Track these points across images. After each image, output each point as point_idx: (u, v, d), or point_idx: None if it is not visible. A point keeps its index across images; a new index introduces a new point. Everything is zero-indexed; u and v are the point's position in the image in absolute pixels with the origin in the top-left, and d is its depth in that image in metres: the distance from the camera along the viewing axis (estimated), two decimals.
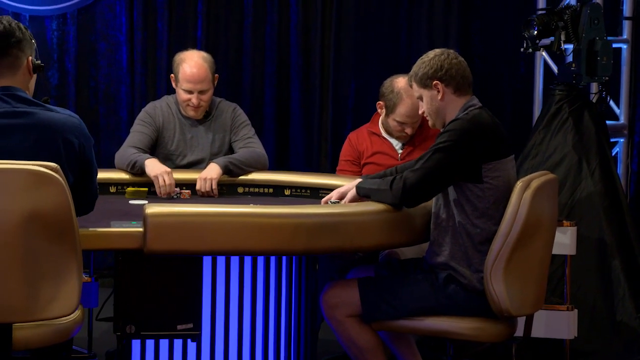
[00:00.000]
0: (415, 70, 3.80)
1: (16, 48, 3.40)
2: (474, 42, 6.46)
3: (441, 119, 3.79)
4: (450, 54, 3.80)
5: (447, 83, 3.75)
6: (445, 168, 3.62)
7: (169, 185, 4.42)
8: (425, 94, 3.78)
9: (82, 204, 3.49)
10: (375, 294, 3.75)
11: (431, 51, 3.83)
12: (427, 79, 3.75)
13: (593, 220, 4.81)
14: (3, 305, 3.14)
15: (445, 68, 3.74)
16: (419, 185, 3.61)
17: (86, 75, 6.31)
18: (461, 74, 3.77)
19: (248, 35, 6.33)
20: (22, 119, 3.32)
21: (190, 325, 3.67)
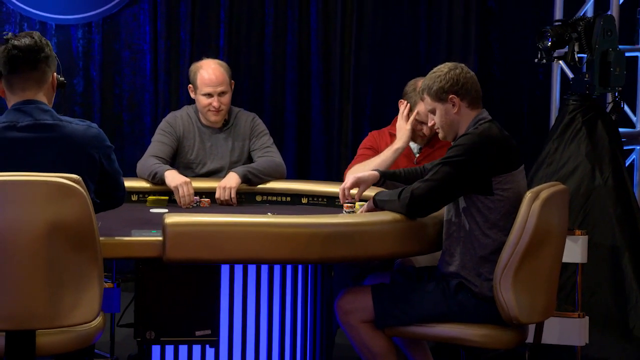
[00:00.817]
0: (428, 84, 3.88)
1: (44, 63, 3.52)
2: (492, 50, 6.49)
3: (454, 131, 3.87)
4: (464, 68, 3.88)
5: (462, 97, 3.83)
6: (453, 181, 3.71)
7: (189, 195, 4.53)
8: (440, 108, 3.86)
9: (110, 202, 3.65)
10: (387, 301, 3.84)
11: (443, 65, 3.91)
12: (444, 92, 3.83)
13: (606, 228, 4.86)
14: (27, 312, 3.26)
15: (461, 82, 3.83)
16: (426, 197, 3.71)
17: (111, 83, 6.39)
18: (475, 88, 3.87)
19: (269, 44, 6.39)
20: (45, 132, 3.45)
21: (209, 332, 3.77)
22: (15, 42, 3.48)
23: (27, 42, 3.48)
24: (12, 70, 3.48)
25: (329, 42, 6.41)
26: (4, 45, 3.49)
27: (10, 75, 3.49)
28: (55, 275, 3.27)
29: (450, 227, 3.83)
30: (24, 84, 3.49)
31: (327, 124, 6.44)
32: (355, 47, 6.40)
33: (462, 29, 6.41)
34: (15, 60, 3.47)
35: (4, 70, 3.49)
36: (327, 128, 6.44)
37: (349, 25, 6.39)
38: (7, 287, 3.23)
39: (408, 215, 3.74)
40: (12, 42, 3.48)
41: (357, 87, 6.43)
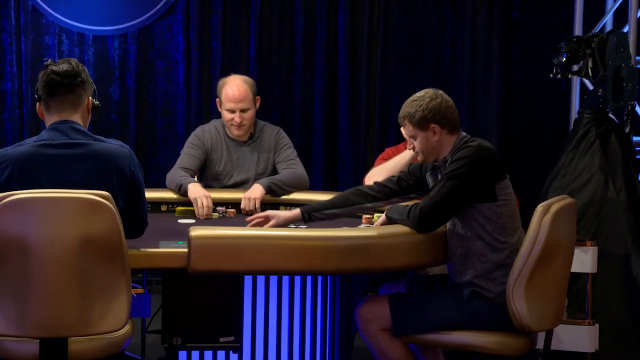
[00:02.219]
0: (409, 112, 3.96)
1: (80, 88, 3.68)
2: (515, 58, 6.57)
3: (434, 155, 4.00)
4: (443, 96, 3.98)
5: (443, 125, 3.94)
6: (459, 193, 3.83)
7: (207, 207, 4.65)
8: (421, 135, 3.96)
9: (132, 230, 3.75)
10: (404, 310, 3.95)
11: (423, 92, 4.00)
12: (425, 122, 3.93)
13: (618, 238, 4.94)
14: (59, 321, 3.40)
15: (442, 112, 3.93)
16: (434, 212, 3.82)
17: (145, 91, 6.51)
18: (454, 115, 3.97)
19: (299, 52, 6.51)
20: (78, 150, 3.59)
21: (232, 338, 3.90)
22: (54, 68, 3.64)
23: (65, 68, 3.64)
24: (50, 93, 3.64)
25: (356, 51, 6.52)
26: (43, 71, 3.65)
27: (49, 98, 3.65)
28: (86, 286, 3.41)
29: (457, 240, 3.93)
30: (61, 106, 3.65)
31: (354, 130, 6.54)
32: (382, 55, 6.50)
33: (485, 38, 6.49)
34: (54, 84, 3.63)
35: (43, 94, 3.65)
36: (354, 134, 6.54)
37: (376, 34, 6.50)
38: (41, 298, 3.37)
39: (419, 231, 3.85)
40: (51, 68, 3.64)
41: (383, 95, 6.53)
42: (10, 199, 3.36)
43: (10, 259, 3.37)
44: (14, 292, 3.39)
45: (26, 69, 6.38)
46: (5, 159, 3.58)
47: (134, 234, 3.78)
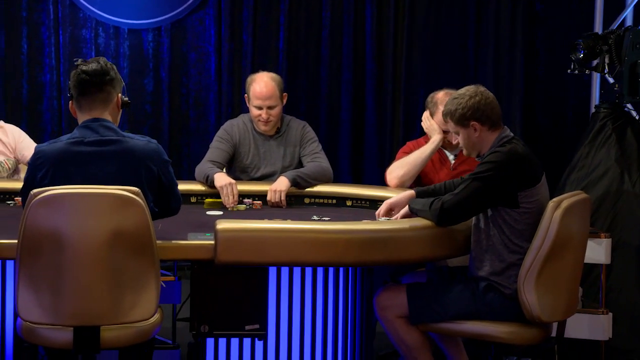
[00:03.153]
0: (451, 109, 4.03)
1: (109, 85, 3.77)
2: (538, 51, 6.61)
3: (476, 150, 4.05)
4: (484, 93, 4.03)
5: (483, 122, 3.99)
6: (481, 196, 3.89)
7: (233, 195, 4.75)
8: (462, 132, 4.03)
9: (167, 211, 3.88)
10: (420, 300, 4.04)
11: (464, 90, 4.05)
12: (465, 119, 4.00)
13: (633, 229, 4.99)
14: (92, 311, 3.52)
15: (481, 109, 3.99)
16: (454, 210, 3.89)
17: (178, 83, 6.62)
18: (495, 112, 4.02)
19: (326, 46, 6.58)
20: (108, 147, 3.69)
21: (257, 326, 4.00)
22: (84, 68, 3.73)
23: (94, 67, 3.74)
24: (81, 92, 3.74)
25: (382, 44, 6.59)
26: (74, 70, 3.76)
27: (80, 97, 3.75)
28: (117, 278, 3.52)
29: (480, 235, 4.00)
30: (91, 104, 3.75)
31: (380, 121, 6.61)
32: (407, 48, 6.57)
33: (509, 31, 6.54)
34: (84, 83, 3.73)
35: (75, 93, 3.75)
36: (380, 125, 6.61)
37: (401, 28, 6.57)
38: (74, 288, 3.48)
39: (438, 225, 3.93)
40: (81, 68, 3.74)
41: (408, 87, 6.60)
42: (45, 194, 3.47)
43: (46, 252, 3.48)
44: (49, 283, 3.50)
45: (64, 62, 6.50)
46: (40, 155, 3.69)
47: (170, 214, 3.90)
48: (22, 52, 6.50)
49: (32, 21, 6.48)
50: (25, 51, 6.51)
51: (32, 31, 6.49)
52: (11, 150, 5.17)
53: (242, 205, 4.78)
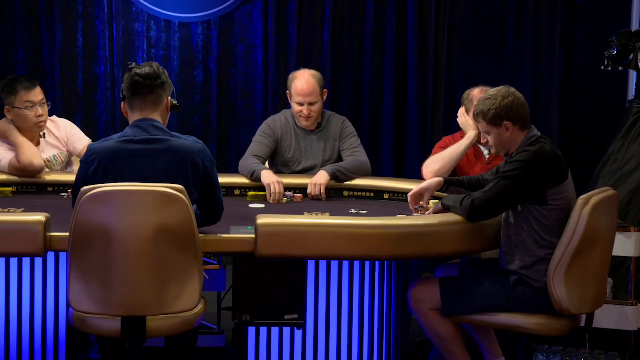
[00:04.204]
0: (484, 110, 4.07)
1: (161, 88, 3.88)
2: (578, 42, 6.58)
3: (506, 149, 4.10)
4: (515, 93, 4.07)
5: (515, 122, 4.04)
6: (510, 194, 3.94)
7: (279, 193, 4.85)
8: (494, 131, 4.08)
9: (209, 216, 3.97)
10: (453, 293, 4.11)
11: (496, 91, 4.09)
12: (499, 119, 4.04)
13: None
14: (139, 302, 3.63)
15: (514, 109, 4.03)
16: (484, 207, 3.95)
17: (226, 74, 6.68)
18: (525, 112, 4.07)
19: (369, 38, 6.62)
20: (157, 145, 3.80)
21: (296, 316, 4.09)
22: (138, 71, 3.85)
23: (147, 71, 3.85)
24: (133, 93, 3.85)
25: (424, 37, 6.60)
26: (128, 73, 3.87)
27: (132, 98, 3.86)
28: (162, 271, 3.63)
29: (510, 231, 4.06)
30: (143, 105, 3.86)
31: (422, 112, 6.64)
32: (448, 41, 6.59)
33: (548, 23, 6.53)
34: (137, 85, 3.84)
35: (127, 94, 3.87)
36: (422, 115, 6.64)
37: (443, 20, 6.58)
38: (122, 281, 3.60)
39: (469, 221, 3.99)
40: (135, 71, 3.85)
41: (449, 78, 6.62)
42: (95, 191, 3.59)
43: (95, 246, 3.60)
44: (98, 275, 3.62)
45: (117, 54, 6.61)
46: (93, 153, 3.81)
47: (212, 220, 4.00)
48: (78, 45, 6.62)
49: (88, 15, 6.59)
50: (81, 44, 6.62)
51: (87, 25, 6.61)
52: (64, 143, 5.30)
53: (285, 198, 4.87)
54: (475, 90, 4.96)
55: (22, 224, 3.78)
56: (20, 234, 3.76)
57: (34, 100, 5.07)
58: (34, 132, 5.14)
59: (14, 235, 3.77)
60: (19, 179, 5.00)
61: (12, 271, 4.13)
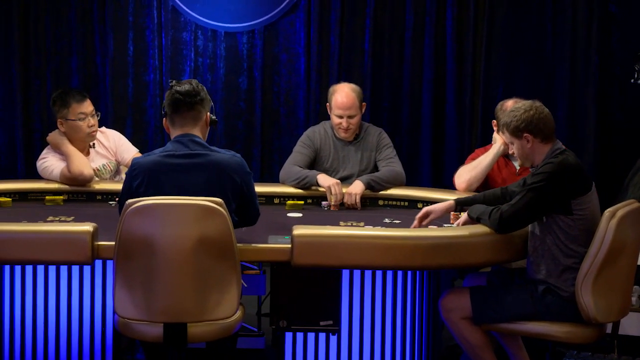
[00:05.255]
0: (506, 122, 4.15)
1: (200, 105, 3.98)
2: (614, 51, 6.56)
3: (529, 161, 4.17)
4: (538, 108, 4.13)
5: (535, 134, 4.10)
6: (536, 205, 3.99)
7: (340, 194, 4.94)
8: (516, 142, 4.15)
9: (246, 221, 4.07)
10: (483, 302, 4.17)
11: (521, 104, 4.17)
12: (519, 131, 4.11)
13: None
14: (180, 309, 3.74)
15: (534, 123, 4.10)
16: (512, 219, 4.01)
17: (270, 82, 6.76)
18: (547, 125, 4.12)
19: (409, 46, 6.65)
20: (197, 160, 3.90)
21: (331, 322, 4.18)
22: (178, 88, 3.95)
23: (187, 88, 3.95)
24: (174, 110, 3.96)
25: (462, 45, 6.62)
26: (169, 90, 3.97)
27: (173, 114, 3.97)
28: (202, 280, 3.73)
29: (536, 242, 4.11)
30: (183, 121, 3.96)
31: (460, 118, 6.66)
32: (486, 48, 6.59)
33: (584, 32, 6.50)
34: (177, 102, 3.94)
35: (169, 111, 3.97)
36: (460, 121, 6.66)
37: (481, 29, 6.59)
38: (164, 289, 3.72)
39: (497, 232, 4.04)
40: (175, 88, 3.95)
41: (487, 85, 6.63)
42: (138, 204, 3.71)
43: (139, 256, 3.72)
44: (141, 283, 3.74)
45: (166, 62, 6.72)
46: (136, 167, 3.93)
47: (249, 224, 4.10)
48: (129, 54, 6.75)
49: (138, 25, 6.71)
50: (132, 53, 6.75)
51: (137, 34, 6.72)
52: (112, 153, 5.43)
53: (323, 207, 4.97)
54: (509, 102, 5.01)
55: (72, 234, 3.90)
56: (69, 243, 3.89)
57: (86, 111, 5.21)
58: (85, 142, 5.27)
59: (63, 244, 3.89)
60: (69, 188, 5.14)
61: (62, 278, 4.27)
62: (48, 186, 5.17)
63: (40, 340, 4.30)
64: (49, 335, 4.29)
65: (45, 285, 4.27)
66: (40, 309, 4.28)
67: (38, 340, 4.30)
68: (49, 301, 4.27)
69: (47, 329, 4.29)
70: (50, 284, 4.27)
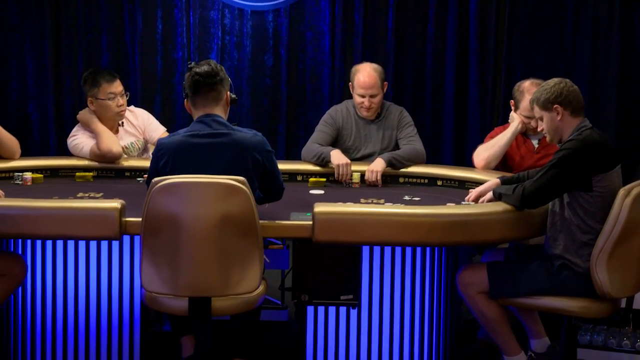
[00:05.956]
0: (537, 96, 4.18)
1: (220, 85, 4.02)
2: (636, 29, 6.54)
3: (558, 136, 4.18)
4: (567, 82, 4.16)
5: (565, 106, 4.13)
6: (558, 182, 4.03)
7: (347, 174, 5.01)
8: (546, 115, 4.17)
9: (272, 196, 4.14)
10: (499, 277, 4.21)
11: (550, 80, 4.20)
12: (549, 103, 4.14)
13: None
14: (204, 284, 3.82)
15: (564, 94, 4.13)
16: (535, 194, 4.05)
17: (296, 59, 6.79)
18: (576, 99, 4.14)
19: (432, 24, 6.65)
20: (220, 139, 3.96)
21: (351, 296, 4.25)
22: (197, 70, 3.99)
23: (206, 69, 3.99)
24: (195, 91, 4.01)
25: (485, 24, 6.62)
26: (188, 72, 4.02)
27: (194, 96, 4.02)
28: (226, 256, 3.80)
29: (554, 217, 4.15)
30: (205, 102, 4.02)
31: (482, 95, 6.68)
32: (509, 27, 6.60)
33: (606, 9, 6.49)
34: (197, 84, 3.99)
35: (189, 92, 4.02)
36: (482, 99, 6.68)
37: (503, 6, 6.58)
38: (189, 264, 3.79)
39: (520, 208, 4.08)
40: (194, 70, 4.00)
41: (509, 62, 6.65)
42: (164, 183, 3.77)
43: (165, 232, 3.80)
44: (167, 259, 3.81)
45: (194, 40, 6.77)
46: (162, 147, 4.00)
47: (273, 200, 4.17)
48: (157, 32, 6.80)
49: (166, 4, 6.75)
50: (160, 31, 6.80)
51: (166, 13, 6.77)
52: (140, 132, 5.51)
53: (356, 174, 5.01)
54: (526, 82, 5.02)
55: (100, 210, 3.99)
56: (98, 219, 3.98)
57: (115, 91, 5.28)
58: (114, 121, 5.35)
59: (93, 221, 3.98)
60: (99, 165, 5.23)
61: (92, 252, 4.36)
62: (78, 163, 5.26)
63: (70, 313, 4.39)
64: (79, 308, 4.38)
65: (76, 260, 4.36)
66: (70, 284, 4.37)
67: (69, 313, 4.39)
68: (79, 275, 4.36)
69: (77, 302, 4.38)
70: (80, 259, 4.36)
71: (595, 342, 4.70)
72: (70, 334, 4.41)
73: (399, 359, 4.35)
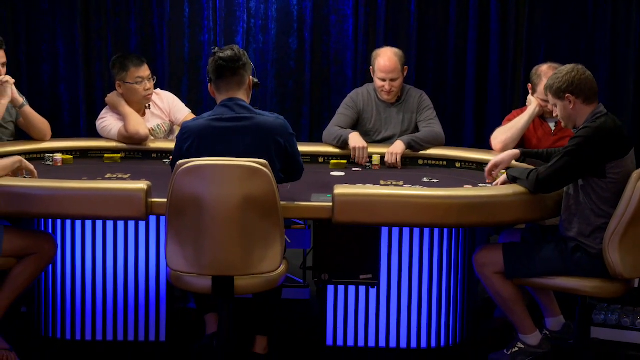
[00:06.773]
0: (550, 84, 4.21)
1: (243, 69, 4.08)
2: None
3: (572, 122, 4.21)
4: (580, 70, 4.17)
5: (577, 95, 4.15)
6: (571, 169, 4.06)
7: (361, 157, 5.07)
8: (559, 104, 4.20)
9: (292, 177, 4.20)
10: (515, 257, 4.26)
11: (564, 67, 4.22)
12: (561, 92, 4.17)
13: None
14: (227, 263, 3.88)
15: (575, 83, 4.14)
16: (548, 180, 4.08)
17: (319, 42, 6.80)
18: (589, 87, 4.16)
19: (453, 7, 6.64)
20: (243, 123, 4.02)
21: (370, 276, 4.32)
22: (221, 55, 4.05)
23: (229, 54, 4.05)
24: (218, 76, 4.07)
25: (506, 4, 6.61)
26: (212, 57, 4.08)
27: (218, 80, 4.08)
28: (248, 236, 3.86)
29: (569, 201, 4.18)
30: (228, 86, 4.08)
31: (502, 78, 6.68)
32: (529, 8, 6.58)
33: None
34: (221, 68, 4.05)
35: (213, 77, 4.08)
36: (502, 81, 6.68)
37: None
38: (213, 245, 3.86)
39: (534, 193, 4.13)
40: (218, 55, 4.06)
41: (529, 45, 6.64)
42: (188, 165, 3.84)
43: (189, 213, 3.86)
44: (191, 239, 3.88)
45: (220, 23, 6.81)
46: (186, 130, 4.07)
47: (294, 180, 4.23)
48: (184, 15, 6.85)
49: None
50: (187, 14, 6.84)
51: None
52: (167, 114, 5.59)
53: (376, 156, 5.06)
54: (544, 66, 5.05)
55: (127, 191, 4.07)
56: (125, 200, 4.05)
57: (143, 75, 5.36)
58: (141, 104, 5.43)
59: (120, 201, 4.06)
60: (126, 146, 5.33)
61: (119, 232, 4.45)
62: (107, 144, 5.35)
63: (99, 291, 4.49)
64: (107, 285, 4.48)
65: (104, 239, 4.46)
66: (99, 262, 4.47)
67: (97, 291, 4.50)
68: (107, 254, 4.46)
69: (106, 280, 4.48)
70: (108, 239, 4.45)
71: (609, 321, 4.75)
72: (99, 311, 4.51)
73: (417, 337, 4.41)
